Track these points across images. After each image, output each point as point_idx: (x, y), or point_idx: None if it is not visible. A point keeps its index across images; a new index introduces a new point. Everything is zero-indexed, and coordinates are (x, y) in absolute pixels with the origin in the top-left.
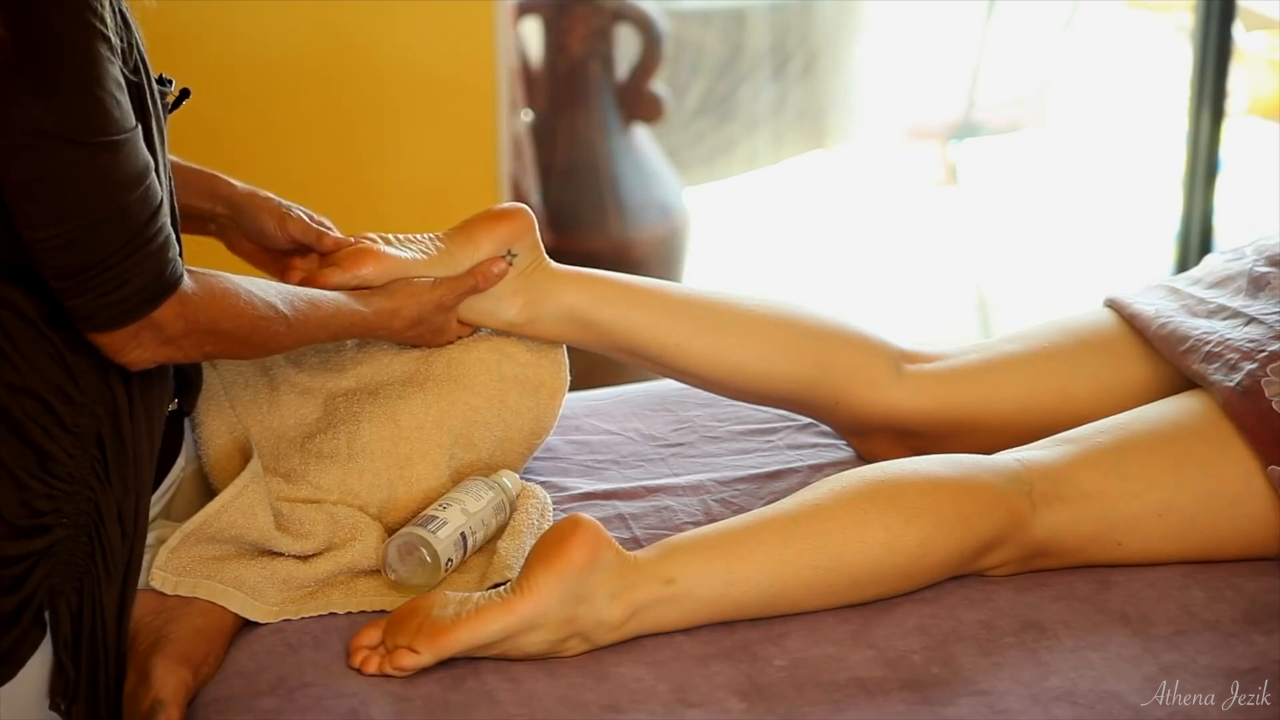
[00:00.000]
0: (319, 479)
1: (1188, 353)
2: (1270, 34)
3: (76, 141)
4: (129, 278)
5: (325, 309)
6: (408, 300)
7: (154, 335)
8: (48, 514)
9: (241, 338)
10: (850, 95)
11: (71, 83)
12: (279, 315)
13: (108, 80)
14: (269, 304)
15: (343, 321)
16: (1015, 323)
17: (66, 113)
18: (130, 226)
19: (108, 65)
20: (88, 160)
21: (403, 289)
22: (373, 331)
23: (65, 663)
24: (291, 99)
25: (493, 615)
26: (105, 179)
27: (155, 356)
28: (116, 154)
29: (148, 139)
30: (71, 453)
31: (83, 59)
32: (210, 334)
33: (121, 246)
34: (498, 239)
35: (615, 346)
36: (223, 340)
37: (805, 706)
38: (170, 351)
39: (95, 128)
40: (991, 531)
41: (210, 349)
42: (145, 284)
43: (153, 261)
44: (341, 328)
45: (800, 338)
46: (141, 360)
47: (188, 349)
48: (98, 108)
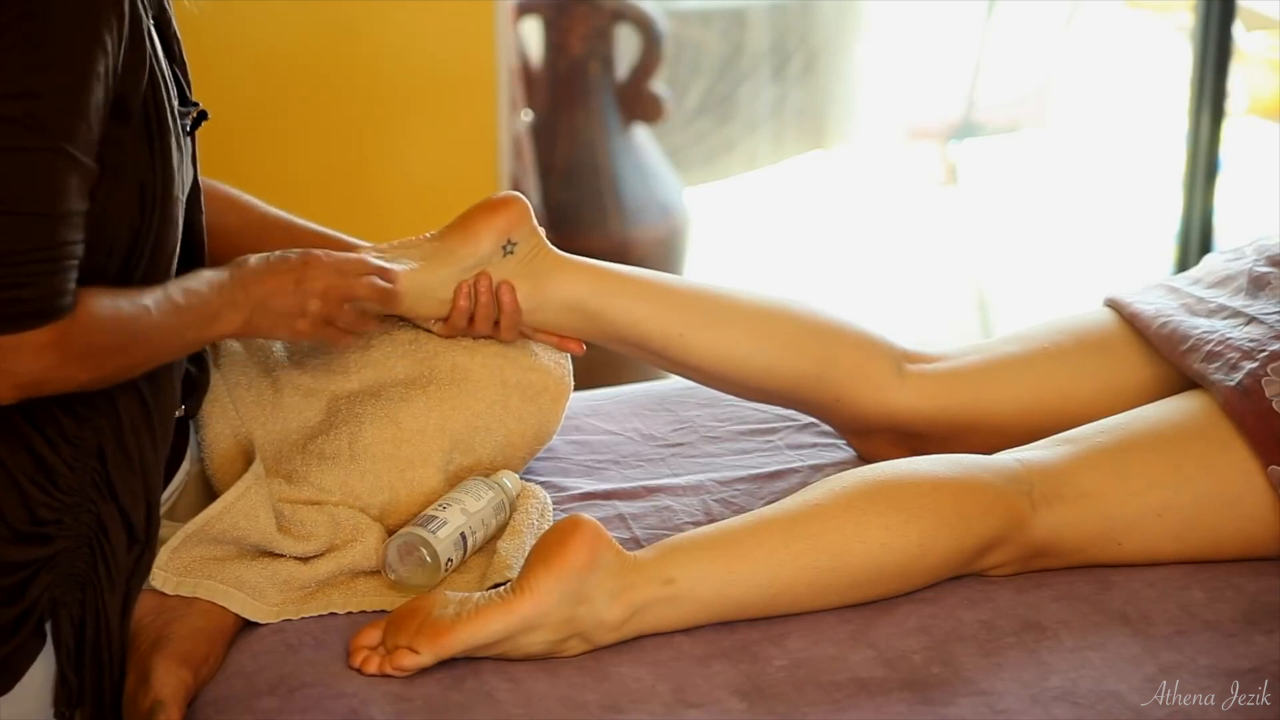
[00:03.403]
0: (321, 480)
1: (1188, 352)
2: (1270, 34)
3: (38, 132)
4: (25, 283)
5: (189, 283)
6: (279, 277)
7: (20, 367)
8: (49, 523)
9: (117, 349)
10: (850, 95)
11: (59, 84)
12: (143, 309)
13: (91, 100)
14: (135, 303)
15: (205, 292)
16: (1015, 323)
17: (42, 106)
18: (51, 237)
19: (97, 85)
20: (40, 152)
21: (279, 260)
22: (235, 293)
23: (68, 673)
24: (292, 99)
25: (493, 615)
26: (50, 178)
27: (14, 393)
28: (68, 168)
29: (165, 161)
30: (72, 465)
31: (79, 70)
32: (85, 359)
33: (28, 250)
34: (495, 230)
35: (618, 338)
36: (97, 363)
37: (805, 706)
38: (35, 390)
39: (61, 131)
40: (991, 531)
41: (84, 378)
42: (37, 296)
43: (48, 282)
44: (206, 298)
45: (803, 333)
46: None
47: (56, 385)
48: (73, 116)
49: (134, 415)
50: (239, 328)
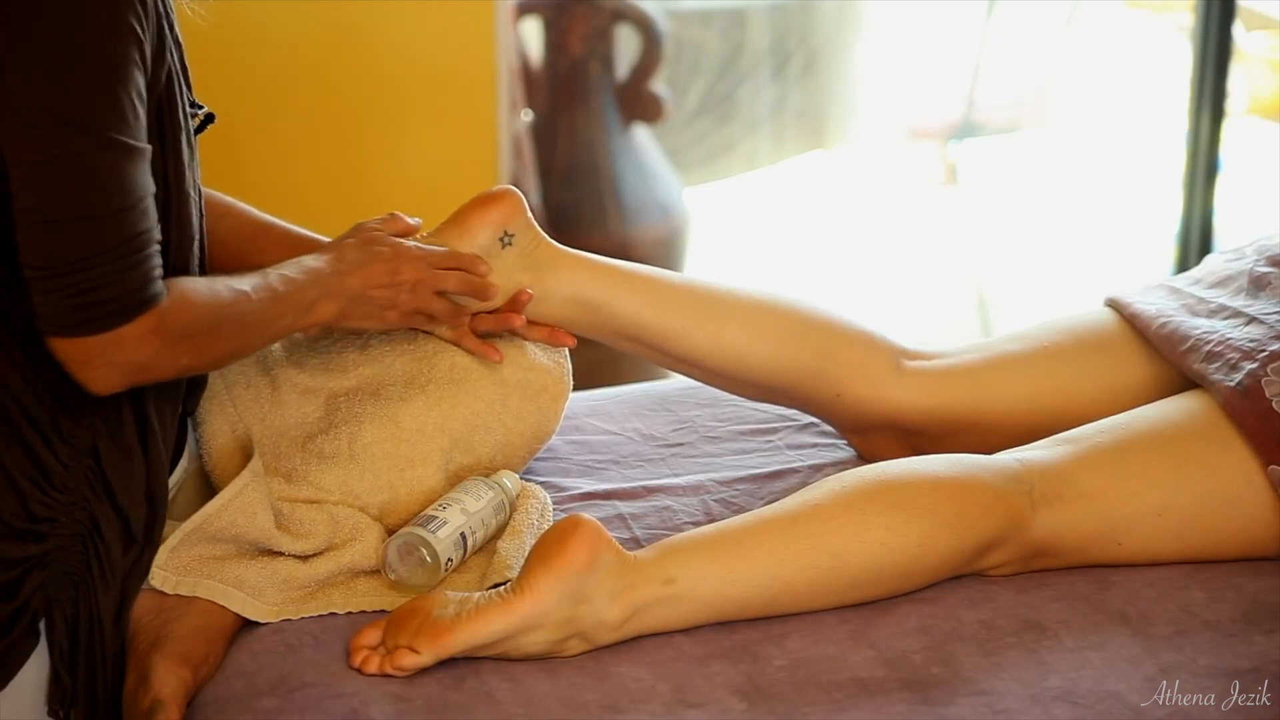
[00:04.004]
0: (320, 479)
1: (1188, 352)
2: (1270, 34)
3: (85, 130)
4: (103, 285)
5: (287, 271)
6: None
7: (123, 357)
8: (43, 520)
9: (214, 332)
10: (850, 95)
11: (96, 75)
12: (242, 295)
13: (131, 86)
14: (231, 288)
15: (303, 280)
16: (1015, 323)
17: (82, 101)
18: (118, 234)
19: (135, 71)
20: (93, 152)
21: (374, 251)
22: (331, 284)
23: (61, 672)
24: (292, 99)
25: (493, 615)
26: (106, 177)
27: (125, 380)
28: (123, 157)
29: (177, 159)
30: (67, 463)
31: (112, 55)
32: (184, 342)
33: (105, 251)
34: (491, 224)
35: (619, 332)
36: (197, 346)
37: (805, 706)
38: (141, 375)
39: (108, 122)
40: (992, 531)
41: (186, 361)
42: (120, 294)
43: (133, 275)
44: (303, 286)
45: (803, 329)
46: (107, 382)
47: (161, 369)
48: (116, 105)
49: (133, 414)
50: (334, 318)
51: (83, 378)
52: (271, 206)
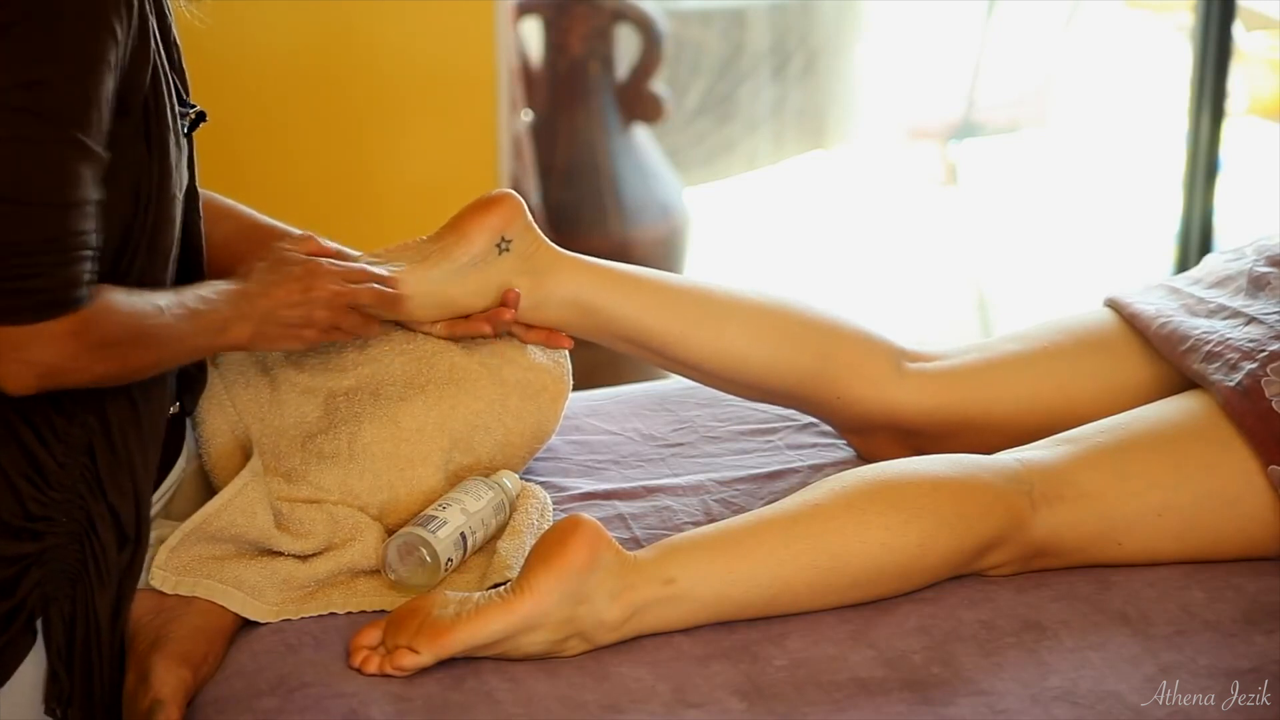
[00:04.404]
0: (319, 479)
1: (1188, 352)
2: (1270, 34)
3: (51, 121)
4: (33, 275)
5: (202, 291)
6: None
7: (39, 356)
8: (39, 519)
9: (131, 344)
10: (850, 95)
11: (70, 72)
12: (159, 310)
13: (102, 89)
14: (151, 302)
15: (216, 300)
16: (1015, 323)
17: (54, 94)
18: (61, 227)
19: (107, 74)
20: (52, 142)
21: (285, 271)
22: (242, 305)
23: (59, 670)
24: (291, 99)
25: (493, 615)
26: (60, 169)
27: (36, 380)
28: (81, 157)
29: (163, 160)
30: (62, 461)
31: (89, 56)
32: (102, 350)
33: (42, 241)
34: (489, 229)
35: (618, 334)
36: (113, 355)
37: (805, 706)
38: (54, 379)
39: (73, 119)
40: (992, 531)
41: (101, 370)
42: (48, 288)
43: (64, 273)
44: (217, 306)
45: (803, 330)
46: (19, 380)
47: (75, 375)
48: (84, 104)
49: (124, 414)
50: (248, 339)
51: None
52: (271, 207)
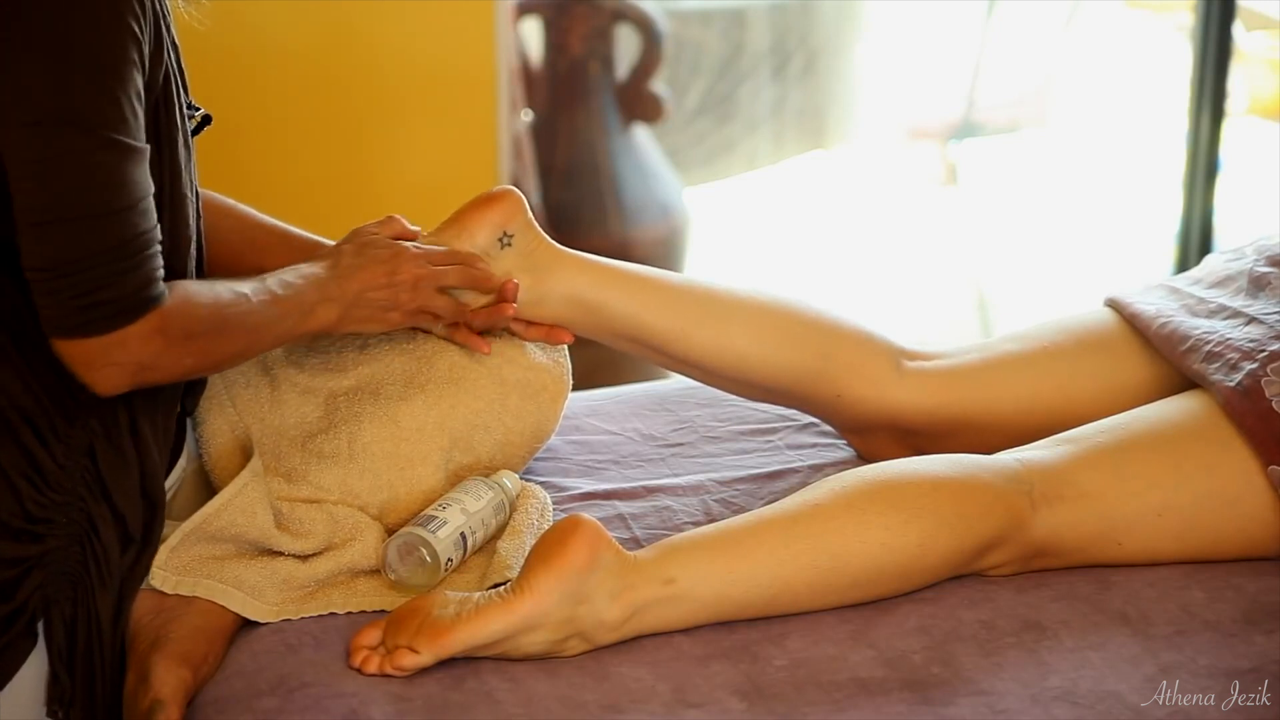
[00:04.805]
0: (320, 479)
1: (1188, 352)
2: (1270, 34)
3: (84, 130)
4: (105, 285)
5: (286, 276)
6: (373, 267)
7: (127, 357)
8: (40, 521)
9: (217, 334)
10: (850, 95)
11: (95, 74)
12: (243, 297)
13: (130, 86)
14: (232, 290)
15: (302, 285)
16: (1015, 323)
17: (81, 100)
18: (119, 234)
19: (133, 71)
20: (92, 152)
21: (371, 254)
22: (330, 288)
23: (60, 672)
24: (292, 99)
25: (493, 615)
26: (106, 176)
27: (129, 380)
28: (123, 157)
29: (173, 160)
30: (62, 463)
31: (110, 55)
32: (188, 343)
33: (105, 251)
34: (490, 224)
35: (618, 332)
36: (200, 348)
37: (805, 706)
38: (145, 375)
39: (108, 122)
40: (992, 531)
41: (190, 363)
42: (122, 295)
43: (136, 275)
44: (302, 290)
45: (803, 329)
46: (112, 383)
47: (165, 370)
48: (115, 104)
49: (129, 415)
50: (335, 322)
51: (88, 379)
52: (271, 207)
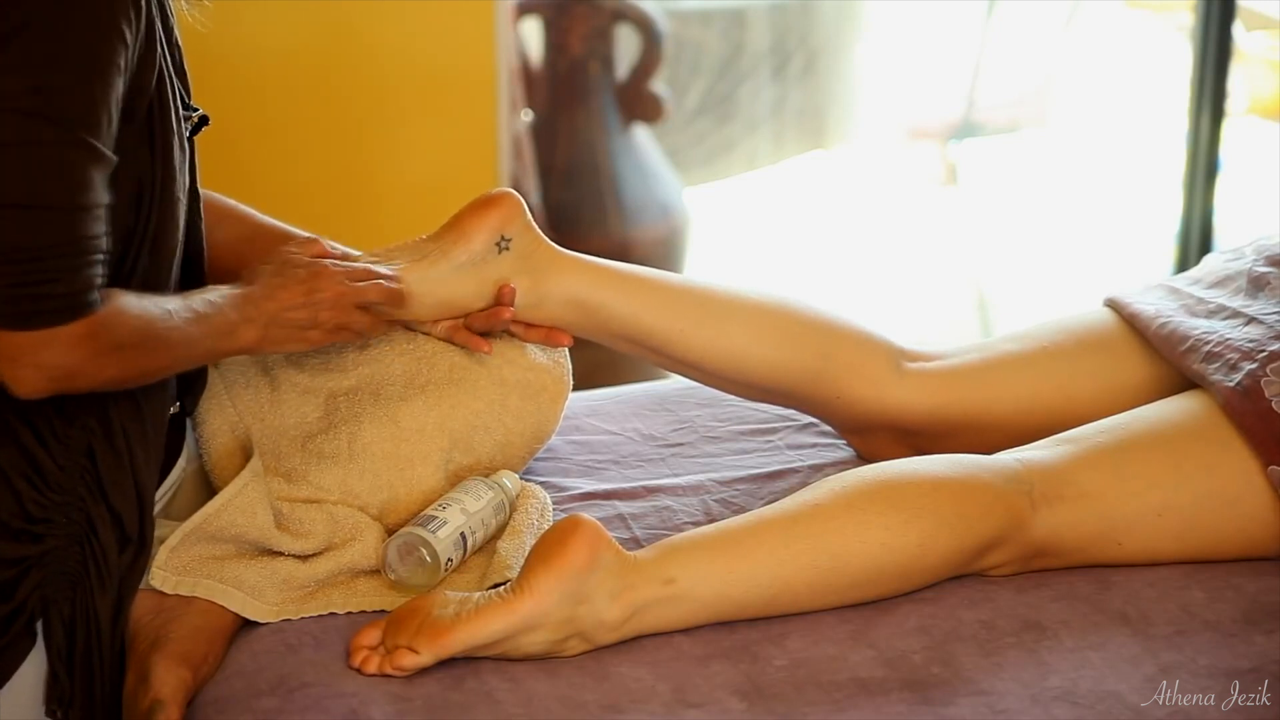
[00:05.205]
0: (320, 479)
1: (1188, 353)
2: (1270, 34)
3: (56, 124)
4: (47, 280)
5: (209, 295)
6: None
7: (51, 359)
8: (39, 521)
9: (141, 347)
10: (850, 95)
11: (79, 75)
12: (168, 314)
13: (111, 92)
14: (160, 306)
15: (223, 304)
16: (1015, 323)
17: (60, 97)
18: (72, 231)
19: (116, 77)
20: (62, 146)
21: (290, 274)
22: (248, 309)
23: (59, 672)
24: (292, 99)
25: (493, 615)
26: (69, 173)
27: (48, 384)
28: (89, 160)
29: (166, 162)
30: (61, 463)
31: (96, 58)
32: (113, 354)
33: (53, 245)
34: (489, 227)
35: (618, 334)
36: (124, 360)
37: (805, 706)
38: (66, 383)
39: (82, 122)
40: (992, 531)
41: (111, 374)
42: (62, 293)
43: (77, 277)
44: (224, 310)
45: (802, 330)
46: (30, 384)
47: (87, 378)
48: (93, 107)
49: (124, 416)
50: (255, 342)
51: (7, 376)
52: (272, 208)
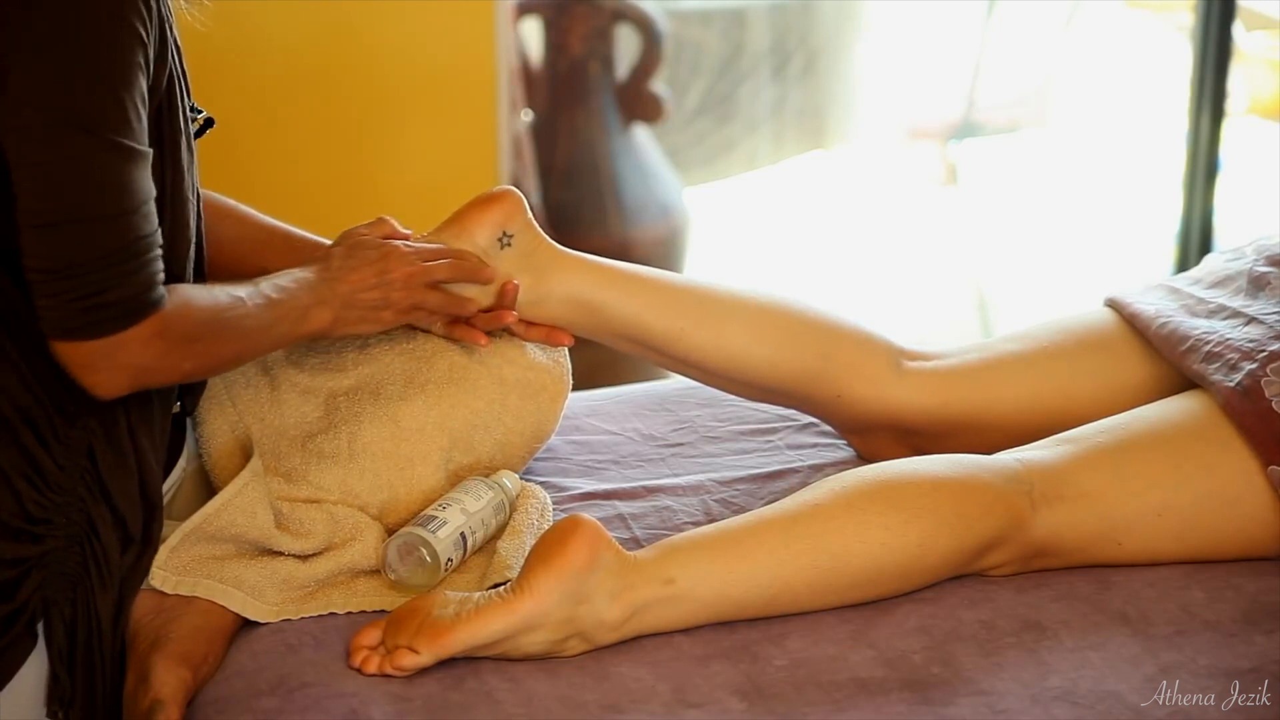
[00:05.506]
0: (320, 479)
1: (1188, 353)
2: (1270, 34)
3: (88, 132)
4: (108, 288)
5: (280, 280)
6: (365, 267)
7: (127, 360)
8: (40, 521)
9: (214, 338)
10: (850, 95)
11: (99, 76)
12: (239, 301)
13: (135, 88)
14: (229, 294)
15: (295, 288)
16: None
17: (86, 103)
18: (122, 236)
19: (138, 74)
20: (96, 154)
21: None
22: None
23: (60, 672)
24: (292, 99)
25: (493, 615)
26: (109, 179)
27: (129, 383)
28: (126, 160)
29: (175, 163)
30: (61, 463)
31: (116, 58)
32: (187, 346)
33: (108, 254)
34: (490, 225)
35: (619, 333)
36: (199, 351)
37: (805, 706)
38: (145, 378)
39: (111, 124)
40: (992, 531)
41: (189, 366)
42: (124, 298)
43: (138, 279)
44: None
45: (803, 329)
46: (112, 385)
47: (164, 373)
48: (119, 107)
49: (127, 416)
50: (329, 324)
51: (87, 381)
52: (272, 208)
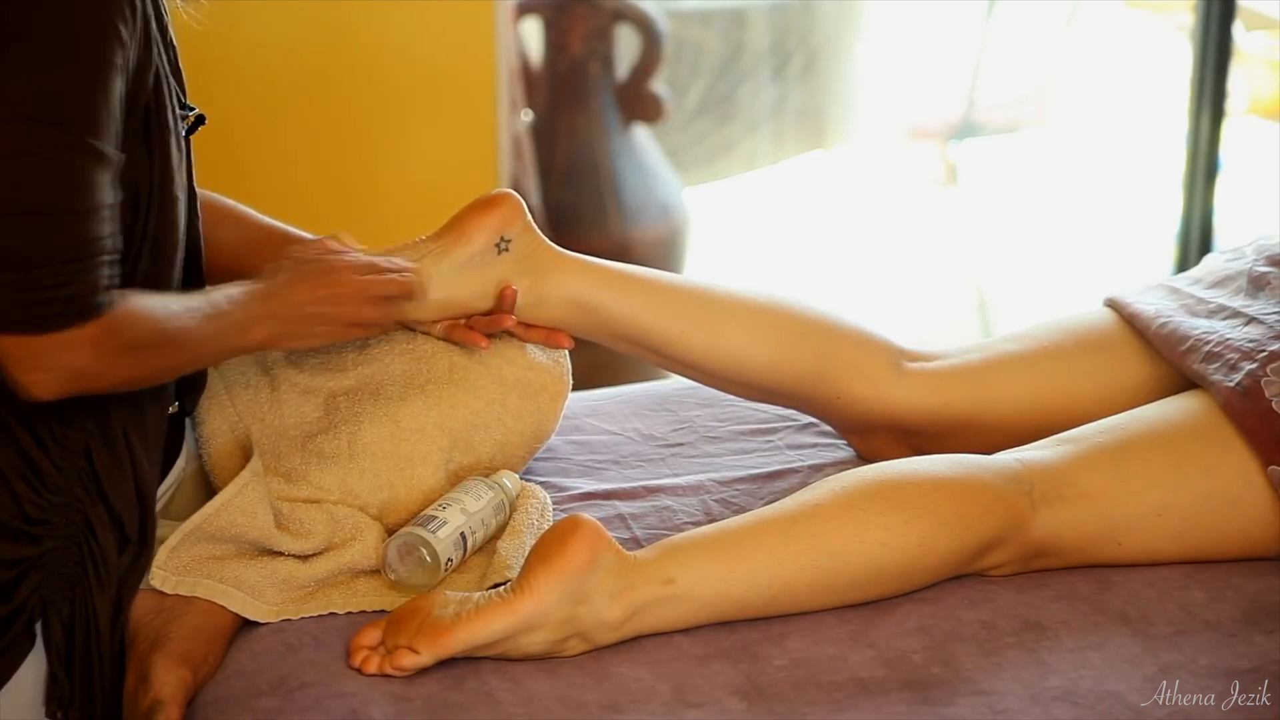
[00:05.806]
0: (320, 479)
1: (1188, 353)
2: (1270, 34)
3: (58, 128)
4: (58, 285)
5: (227, 291)
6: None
7: (67, 361)
8: (37, 522)
9: (156, 347)
10: (850, 95)
11: (78, 77)
12: (183, 312)
13: (111, 92)
14: (174, 304)
15: (241, 300)
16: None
17: (60, 101)
18: (79, 235)
19: (116, 77)
20: (64, 150)
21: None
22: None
23: (59, 673)
24: (292, 99)
25: (493, 615)
26: (75, 177)
27: (64, 386)
28: (93, 162)
29: (164, 162)
30: (59, 465)
31: (95, 59)
32: (127, 354)
33: (63, 250)
34: (489, 228)
35: (618, 334)
36: (140, 360)
37: (805, 706)
38: (81, 383)
39: (81, 124)
40: (992, 531)
41: (126, 374)
42: (73, 296)
43: (87, 280)
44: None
45: (802, 330)
46: (46, 386)
47: (103, 379)
48: (91, 108)
49: (124, 418)
50: (270, 339)
51: (24, 380)
52: (271, 208)
